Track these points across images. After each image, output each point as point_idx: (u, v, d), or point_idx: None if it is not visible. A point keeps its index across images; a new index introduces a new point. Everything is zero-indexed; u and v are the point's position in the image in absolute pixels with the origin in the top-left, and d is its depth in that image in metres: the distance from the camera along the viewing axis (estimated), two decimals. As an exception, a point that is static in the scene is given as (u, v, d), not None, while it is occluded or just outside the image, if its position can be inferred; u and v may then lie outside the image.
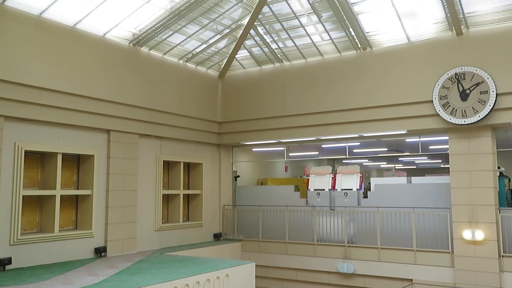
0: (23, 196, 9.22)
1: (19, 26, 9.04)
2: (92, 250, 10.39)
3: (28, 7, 9.14)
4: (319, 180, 13.47)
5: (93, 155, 10.53)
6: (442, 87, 10.55)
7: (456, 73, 10.44)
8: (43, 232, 9.77)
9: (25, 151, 9.31)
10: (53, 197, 9.78)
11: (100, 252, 10.42)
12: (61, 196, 9.95)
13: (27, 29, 9.18)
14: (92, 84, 10.32)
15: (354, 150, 13.45)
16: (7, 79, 8.72)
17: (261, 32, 12.47)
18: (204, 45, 12.63)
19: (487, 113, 10.04)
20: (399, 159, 20.44)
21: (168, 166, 13.14)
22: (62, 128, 9.96)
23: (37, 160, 10.03)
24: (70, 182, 10.61)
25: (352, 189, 12.80)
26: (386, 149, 13.80)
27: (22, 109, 9.05)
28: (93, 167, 10.51)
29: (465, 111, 10.28)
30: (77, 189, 10.66)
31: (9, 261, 8.70)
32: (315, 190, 13.35)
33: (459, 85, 10.38)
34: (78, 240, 10.16)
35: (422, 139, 12.01)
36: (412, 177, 12.46)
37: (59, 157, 9.87)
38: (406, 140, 12.65)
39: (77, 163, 10.76)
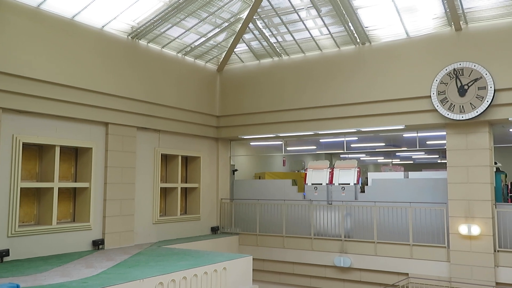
0: (21, 188, 9.24)
1: (17, 18, 8.99)
2: (89, 243, 10.42)
3: (26, -1, 9.10)
4: (316, 174, 13.50)
5: (91, 148, 10.54)
6: (441, 83, 10.57)
7: (454, 69, 10.46)
8: (41, 224, 9.79)
9: (23, 143, 9.30)
10: (51, 189, 9.79)
11: (97, 244, 10.45)
12: (59, 188, 9.97)
13: (25, 21, 9.13)
14: (90, 76, 10.30)
15: (352, 145, 13.49)
16: (5, 71, 8.69)
17: (260, 26, 12.45)
18: (203, 39, 12.60)
19: (485, 108, 10.07)
20: (397, 154, 20.50)
21: (166, 159, 13.15)
22: (60, 121, 9.95)
23: (35, 152, 10.03)
24: (68, 175, 10.62)
25: (349, 184, 12.83)
26: (383, 144, 13.84)
27: (20, 101, 9.03)
28: (91, 160, 10.52)
29: (463, 106, 10.31)
30: (75, 181, 10.67)
31: (7, 253, 8.73)
32: (312, 184, 13.39)
33: (457, 80, 10.40)
34: (76, 233, 10.18)
35: (419, 134, 12.04)
36: (409, 172, 12.52)
37: (57, 150, 9.87)
38: (404, 135, 12.68)
39: (75, 155, 10.76)
